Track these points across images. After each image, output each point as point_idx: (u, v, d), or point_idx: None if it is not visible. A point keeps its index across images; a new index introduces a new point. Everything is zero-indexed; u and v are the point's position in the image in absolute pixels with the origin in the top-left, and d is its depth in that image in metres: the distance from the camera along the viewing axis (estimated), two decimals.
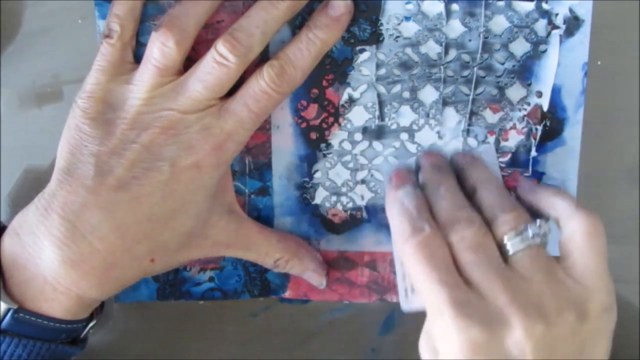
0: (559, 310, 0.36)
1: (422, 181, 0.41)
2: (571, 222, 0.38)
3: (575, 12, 0.44)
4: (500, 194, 0.40)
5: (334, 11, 0.43)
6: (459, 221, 0.38)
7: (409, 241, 0.38)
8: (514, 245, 0.38)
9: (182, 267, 0.48)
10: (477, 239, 0.38)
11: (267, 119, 0.46)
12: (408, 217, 0.39)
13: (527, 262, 0.37)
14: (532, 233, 0.38)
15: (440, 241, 0.38)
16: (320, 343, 0.51)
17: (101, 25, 0.44)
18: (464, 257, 0.37)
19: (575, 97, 0.45)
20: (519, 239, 0.38)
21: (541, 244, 0.38)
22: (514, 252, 0.38)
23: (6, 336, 0.40)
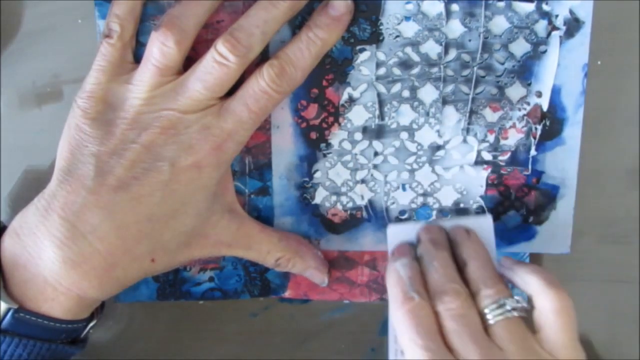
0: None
1: (419, 254, 0.43)
2: (541, 300, 0.40)
3: (575, 13, 0.44)
4: (487, 269, 0.42)
5: (334, 11, 0.43)
6: (447, 293, 0.40)
7: (400, 308, 0.40)
8: (494, 317, 0.40)
9: (182, 267, 0.48)
10: (461, 310, 0.40)
11: (267, 119, 0.46)
12: (402, 286, 0.41)
13: (504, 333, 0.39)
14: (510, 307, 0.40)
15: (428, 310, 0.40)
16: (320, 343, 0.51)
17: (101, 25, 0.44)
18: (448, 325, 0.39)
19: (575, 98, 0.45)
20: (498, 311, 0.40)
21: (519, 317, 0.40)
22: (493, 323, 0.40)
23: (6, 336, 0.40)
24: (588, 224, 0.48)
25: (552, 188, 0.47)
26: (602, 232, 0.48)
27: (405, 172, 0.46)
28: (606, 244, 0.49)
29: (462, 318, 0.39)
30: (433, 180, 0.46)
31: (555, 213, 0.47)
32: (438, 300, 0.40)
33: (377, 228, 0.47)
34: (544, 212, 0.47)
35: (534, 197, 0.47)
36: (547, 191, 0.47)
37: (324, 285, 0.48)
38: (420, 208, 0.47)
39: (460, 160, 0.46)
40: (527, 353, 0.39)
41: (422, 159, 0.46)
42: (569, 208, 0.47)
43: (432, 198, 0.47)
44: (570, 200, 0.47)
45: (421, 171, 0.46)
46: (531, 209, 0.47)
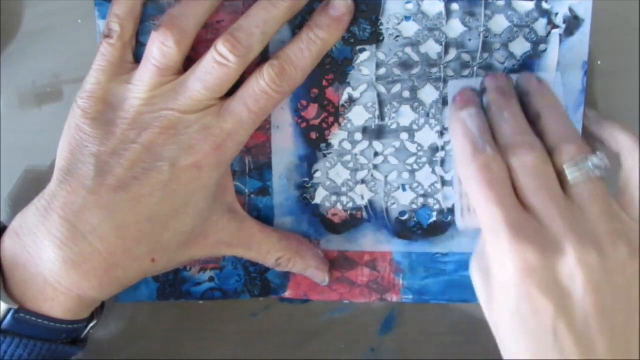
0: (613, 242, 0.37)
1: (486, 104, 0.41)
2: (631, 157, 0.38)
3: (575, 11, 0.44)
4: (564, 123, 0.40)
5: (335, 11, 0.43)
6: (520, 145, 0.38)
7: (471, 161, 0.38)
8: (573, 175, 0.38)
9: (182, 267, 0.48)
10: (537, 164, 0.38)
11: (267, 119, 0.46)
12: (471, 137, 0.39)
13: (585, 193, 0.37)
14: (592, 165, 0.38)
15: (501, 164, 0.38)
16: (320, 343, 0.51)
17: (101, 25, 0.44)
18: (524, 181, 0.38)
19: (575, 96, 0.45)
20: (578, 168, 0.38)
21: (600, 177, 0.38)
22: (573, 182, 0.38)
23: (7, 336, 0.40)
24: None
25: None
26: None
27: (406, 172, 0.46)
28: None
29: (539, 173, 0.37)
30: (433, 181, 0.46)
31: None
32: (511, 154, 0.38)
33: (377, 228, 0.47)
34: None
35: None
36: None
37: (325, 285, 0.48)
38: (420, 209, 0.47)
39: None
40: (610, 216, 0.37)
41: (422, 159, 0.46)
42: None
43: (433, 199, 0.47)
44: None
45: (422, 172, 0.46)
46: None
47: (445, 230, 0.47)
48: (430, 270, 0.48)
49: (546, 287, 0.36)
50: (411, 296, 0.48)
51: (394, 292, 0.48)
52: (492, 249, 0.37)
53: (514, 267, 0.36)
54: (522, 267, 0.36)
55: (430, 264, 0.48)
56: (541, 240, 0.36)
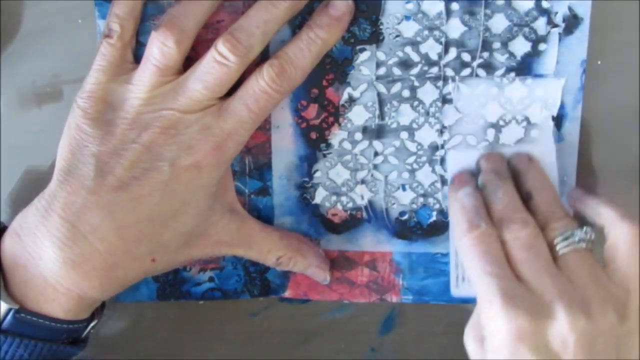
0: (601, 308, 0.38)
1: (481, 183, 0.43)
2: (616, 230, 0.40)
3: (574, 10, 0.44)
4: (554, 201, 0.42)
5: (335, 11, 0.43)
6: (514, 221, 0.40)
7: (467, 236, 0.41)
8: (563, 248, 0.40)
9: (182, 267, 0.48)
10: (530, 239, 0.40)
11: (267, 119, 0.46)
12: (467, 214, 0.41)
13: (574, 263, 0.40)
14: (578, 238, 0.40)
15: (495, 238, 0.40)
16: (320, 343, 0.51)
17: (101, 25, 0.44)
18: (517, 254, 0.40)
19: (574, 94, 0.45)
20: (567, 242, 0.40)
21: (587, 249, 0.40)
22: (562, 254, 0.40)
23: (7, 336, 0.40)
24: None
25: None
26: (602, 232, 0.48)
27: (406, 172, 0.46)
28: None
29: (531, 247, 0.40)
30: (433, 180, 0.46)
31: None
32: (505, 229, 0.40)
33: (377, 228, 0.47)
34: None
35: None
36: None
37: (326, 283, 0.48)
38: (420, 209, 0.47)
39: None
40: (598, 284, 0.39)
41: (422, 158, 0.46)
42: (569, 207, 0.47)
43: (433, 199, 0.47)
44: None
45: (421, 171, 0.46)
46: None
47: (445, 230, 0.47)
48: (430, 271, 0.48)
49: (537, 350, 0.37)
50: (411, 296, 0.48)
51: (394, 292, 0.48)
52: (486, 316, 0.39)
53: (506, 332, 0.38)
54: (514, 332, 0.37)
55: (430, 264, 0.48)
56: (533, 306, 0.38)
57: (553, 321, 0.38)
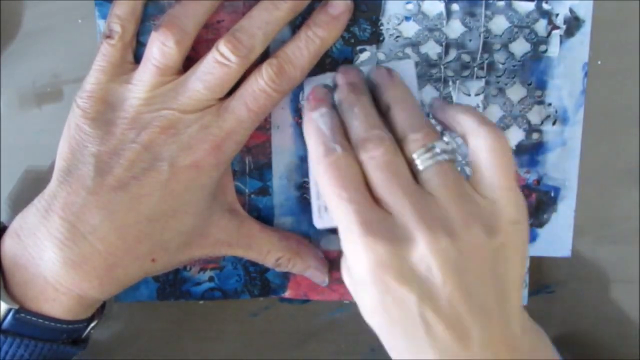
0: (465, 224, 0.36)
1: (337, 100, 0.41)
2: (475, 138, 0.38)
3: (575, 12, 0.44)
4: (412, 113, 0.40)
5: (333, 10, 0.43)
6: (369, 140, 0.38)
7: (322, 161, 0.38)
8: (423, 162, 0.38)
9: (182, 267, 0.48)
10: (386, 157, 0.37)
11: (267, 119, 0.46)
12: (322, 138, 0.39)
13: (435, 179, 0.37)
14: (439, 149, 0.37)
15: (351, 161, 0.38)
16: (320, 343, 0.51)
17: (101, 25, 0.44)
18: (374, 176, 0.37)
19: (576, 97, 0.45)
20: (427, 155, 0.37)
21: (449, 161, 0.38)
22: (423, 169, 0.38)
23: (7, 336, 0.40)
24: (588, 225, 0.48)
25: (553, 190, 0.47)
26: (602, 232, 0.48)
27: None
28: (606, 244, 0.49)
29: (388, 166, 0.37)
30: None
31: (556, 215, 0.47)
32: (361, 149, 0.38)
33: None
34: (544, 214, 0.47)
35: (534, 199, 0.47)
36: (548, 193, 0.47)
37: (325, 285, 0.48)
38: None
39: (460, 162, 0.46)
40: (461, 197, 0.37)
41: None
42: (569, 210, 0.47)
43: None
44: (571, 202, 0.47)
45: None
46: (532, 211, 0.47)
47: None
48: None
49: (403, 278, 0.36)
50: None
51: None
52: (347, 246, 0.37)
53: (367, 261, 0.36)
54: (374, 262, 0.36)
55: None
56: (391, 232, 0.36)
57: (412, 245, 0.36)
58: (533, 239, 0.48)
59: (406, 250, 0.36)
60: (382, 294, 0.36)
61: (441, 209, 0.37)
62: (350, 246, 0.37)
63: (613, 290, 0.50)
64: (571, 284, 0.49)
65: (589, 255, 0.49)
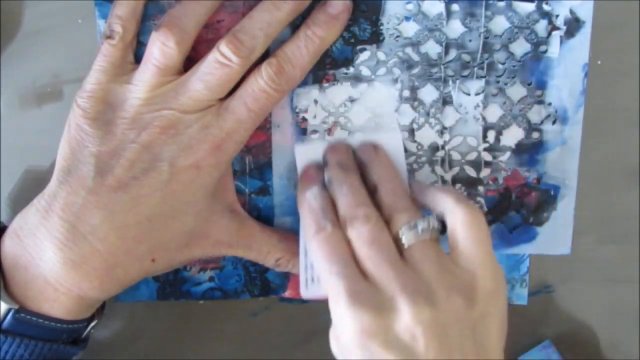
0: (447, 295, 0.38)
1: (327, 179, 0.43)
2: (453, 216, 0.40)
3: (576, 13, 0.44)
4: (397, 193, 0.42)
5: (332, 9, 0.43)
6: (357, 218, 0.40)
7: (315, 238, 0.40)
8: (407, 240, 0.40)
9: (182, 267, 0.48)
10: (372, 235, 0.40)
11: (267, 118, 0.46)
12: (314, 216, 0.41)
13: (419, 254, 0.39)
14: (421, 228, 0.40)
15: (340, 238, 0.40)
16: (320, 343, 0.50)
17: (101, 25, 0.44)
18: (361, 251, 0.39)
19: (576, 98, 0.45)
20: (411, 234, 0.40)
21: (432, 239, 0.40)
22: (407, 246, 0.40)
23: (7, 336, 0.40)
24: (588, 224, 0.48)
25: (553, 188, 0.47)
26: (602, 232, 0.48)
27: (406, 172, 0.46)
28: (606, 244, 0.49)
29: (374, 242, 0.39)
30: (433, 180, 0.46)
31: (556, 214, 0.47)
32: (349, 227, 0.40)
33: None
34: (544, 212, 0.47)
35: (534, 198, 0.47)
36: (548, 191, 0.47)
37: None
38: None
39: (460, 161, 0.46)
40: (442, 271, 0.39)
41: (422, 159, 0.46)
42: (569, 208, 0.47)
43: None
44: (570, 200, 0.47)
45: (421, 171, 0.46)
46: (532, 210, 0.47)
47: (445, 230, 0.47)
48: None
49: (388, 346, 0.37)
50: None
51: None
52: (335, 316, 0.39)
53: (353, 330, 0.37)
54: (360, 329, 0.37)
55: None
56: (376, 303, 0.38)
57: (397, 314, 0.37)
58: (533, 238, 0.48)
59: (391, 319, 0.37)
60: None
61: (424, 281, 0.38)
62: (338, 315, 0.38)
63: (613, 290, 0.50)
64: (571, 284, 0.49)
65: (589, 255, 0.49)
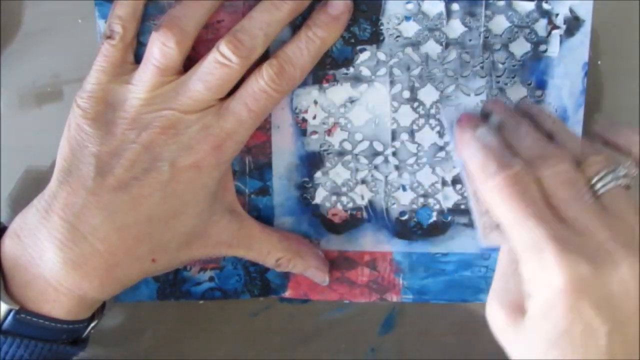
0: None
1: (498, 122, 0.39)
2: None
3: (575, 12, 0.44)
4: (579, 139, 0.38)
5: (333, 10, 0.43)
6: (550, 157, 0.36)
7: (497, 177, 0.35)
8: (605, 185, 0.35)
9: (182, 267, 0.48)
10: (570, 175, 0.35)
11: (267, 119, 0.46)
12: (492, 153, 0.36)
13: (616, 201, 0.35)
14: (622, 173, 0.36)
15: (532, 177, 0.36)
16: (320, 343, 0.51)
17: (101, 25, 0.44)
18: (558, 193, 0.35)
19: (576, 97, 0.45)
20: (610, 178, 0.35)
21: (627, 186, 0.36)
22: (604, 192, 0.35)
23: (8, 337, 0.40)
24: None
25: None
26: None
27: (406, 172, 0.46)
28: None
29: (574, 183, 0.35)
30: (434, 181, 0.46)
31: None
32: (541, 166, 0.35)
33: (377, 228, 0.47)
34: None
35: None
36: None
37: (325, 285, 0.48)
38: (420, 209, 0.47)
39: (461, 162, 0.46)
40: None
41: (422, 159, 0.46)
42: None
43: (433, 199, 0.47)
44: None
45: (422, 172, 0.46)
46: None
47: (445, 230, 0.47)
48: (430, 270, 0.48)
49: (599, 304, 0.33)
50: (411, 296, 0.48)
51: (394, 292, 0.48)
52: (533, 267, 0.34)
53: (565, 281, 0.33)
54: (574, 282, 0.33)
55: (430, 263, 0.48)
56: (589, 251, 0.33)
57: (614, 266, 0.33)
58: None
59: (607, 270, 0.33)
60: (571, 322, 0.33)
61: (630, 230, 0.34)
62: (539, 265, 0.34)
63: None
64: None
65: None
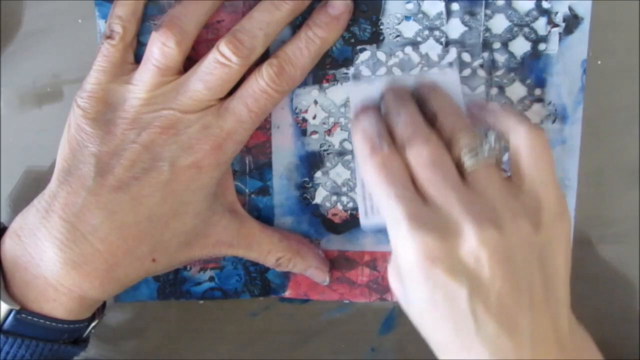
0: (512, 219, 0.37)
1: (383, 110, 0.42)
2: (516, 136, 0.39)
3: (574, 10, 0.44)
4: (458, 117, 0.41)
5: (333, 10, 0.43)
6: (416, 139, 0.39)
7: (369, 160, 0.39)
8: (470, 163, 0.38)
9: (182, 267, 0.48)
10: (433, 156, 0.38)
11: (267, 119, 0.46)
12: (369, 139, 0.40)
13: (481, 178, 0.38)
14: (486, 151, 0.39)
15: (398, 159, 0.39)
16: (320, 343, 0.51)
17: (101, 25, 0.44)
18: (421, 173, 0.38)
19: (575, 95, 0.45)
20: (474, 155, 0.38)
21: (495, 162, 0.39)
22: (470, 169, 0.38)
23: (8, 337, 0.40)
24: (588, 224, 0.48)
25: None
26: (602, 232, 0.48)
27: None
28: (606, 244, 0.49)
29: (435, 164, 0.38)
30: None
31: None
32: (408, 148, 0.39)
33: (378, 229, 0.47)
34: None
35: None
36: None
37: (325, 284, 0.48)
38: None
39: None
40: (508, 196, 0.38)
41: None
42: (570, 207, 0.47)
43: None
44: (571, 199, 0.47)
45: None
46: None
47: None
48: None
49: (453, 271, 0.36)
50: None
51: None
52: (395, 242, 0.38)
53: (416, 255, 0.36)
54: (424, 254, 0.36)
55: None
56: (440, 226, 0.37)
57: (462, 238, 0.36)
58: None
59: (455, 242, 0.36)
60: (431, 289, 0.37)
61: (489, 205, 0.37)
62: (400, 241, 0.37)
63: (613, 290, 0.49)
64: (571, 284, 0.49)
65: (589, 255, 0.49)
